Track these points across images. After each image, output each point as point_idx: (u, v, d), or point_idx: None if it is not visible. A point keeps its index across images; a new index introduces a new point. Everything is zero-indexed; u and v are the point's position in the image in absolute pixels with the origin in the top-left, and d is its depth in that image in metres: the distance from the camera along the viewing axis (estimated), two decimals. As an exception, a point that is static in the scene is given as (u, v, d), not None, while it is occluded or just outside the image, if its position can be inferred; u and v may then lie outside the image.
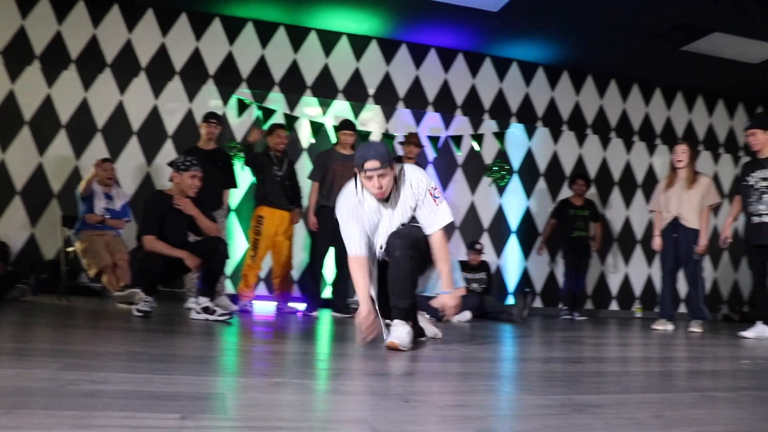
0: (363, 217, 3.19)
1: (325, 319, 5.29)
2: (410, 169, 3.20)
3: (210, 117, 5.75)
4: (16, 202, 6.65)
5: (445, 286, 3.19)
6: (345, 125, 5.95)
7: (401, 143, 6.61)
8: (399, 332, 3.04)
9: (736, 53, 7.72)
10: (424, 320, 3.71)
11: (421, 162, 7.70)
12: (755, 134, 5.15)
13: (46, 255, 6.62)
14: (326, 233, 5.64)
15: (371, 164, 2.98)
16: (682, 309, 7.84)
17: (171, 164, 4.73)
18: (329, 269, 6.12)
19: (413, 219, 3.22)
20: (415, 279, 3.15)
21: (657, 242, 5.88)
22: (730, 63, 8.01)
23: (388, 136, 7.60)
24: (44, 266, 6.39)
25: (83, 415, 1.36)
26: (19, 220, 6.64)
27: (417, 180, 3.15)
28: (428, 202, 3.14)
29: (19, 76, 6.79)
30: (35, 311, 4.36)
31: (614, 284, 8.49)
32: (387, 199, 3.17)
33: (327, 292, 6.67)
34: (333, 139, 7.23)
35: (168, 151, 7.01)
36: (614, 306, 8.45)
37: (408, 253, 3.05)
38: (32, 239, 6.64)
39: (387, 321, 3.23)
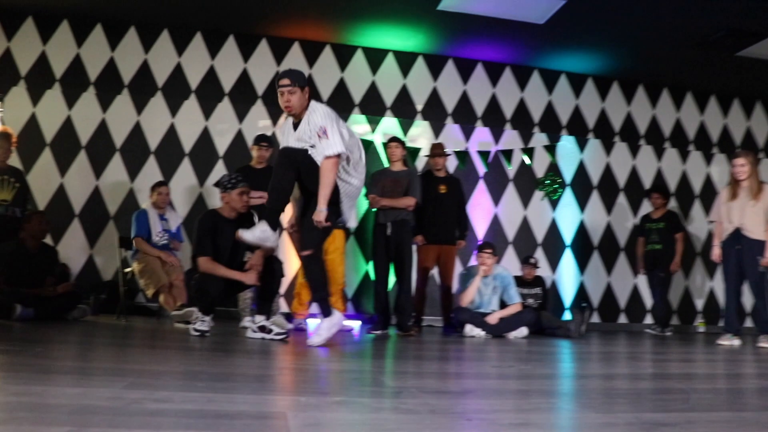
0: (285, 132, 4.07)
1: (385, 336, 5.28)
2: (313, 108, 3.89)
3: (260, 140, 5.86)
4: (75, 225, 6.85)
5: (319, 204, 3.78)
6: (391, 139, 5.96)
7: (427, 155, 6.56)
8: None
9: (793, 57, 7.48)
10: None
11: (473, 176, 7.67)
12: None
13: (104, 276, 6.80)
14: (382, 251, 5.66)
15: (283, 81, 3.83)
16: (749, 323, 7.57)
17: (217, 184, 4.78)
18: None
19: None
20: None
21: (716, 252, 5.71)
22: (788, 67, 7.76)
23: (411, 150, 7.45)
24: (103, 287, 6.55)
25: (150, 434, 1.38)
26: (78, 242, 6.84)
27: (314, 119, 3.84)
28: (316, 139, 3.82)
29: (75, 103, 7.03)
30: (96, 331, 4.46)
31: (674, 299, 8.21)
32: (297, 123, 3.93)
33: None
34: (382, 155, 7.23)
35: (219, 172, 7.11)
36: (675, 320, 8.17)
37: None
38: (91, 261, 6.83)
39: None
